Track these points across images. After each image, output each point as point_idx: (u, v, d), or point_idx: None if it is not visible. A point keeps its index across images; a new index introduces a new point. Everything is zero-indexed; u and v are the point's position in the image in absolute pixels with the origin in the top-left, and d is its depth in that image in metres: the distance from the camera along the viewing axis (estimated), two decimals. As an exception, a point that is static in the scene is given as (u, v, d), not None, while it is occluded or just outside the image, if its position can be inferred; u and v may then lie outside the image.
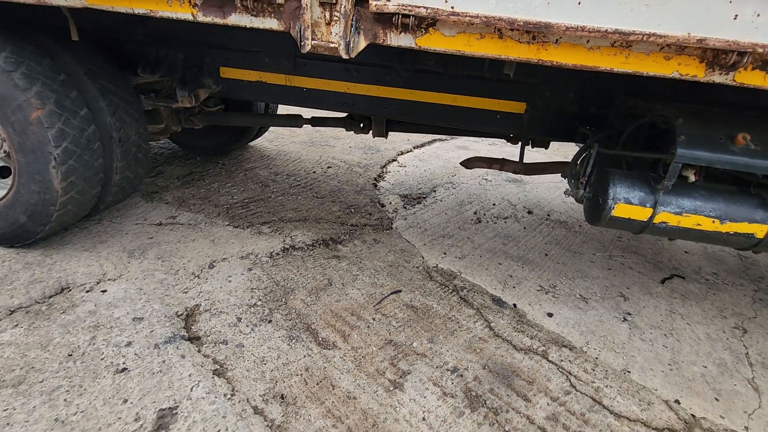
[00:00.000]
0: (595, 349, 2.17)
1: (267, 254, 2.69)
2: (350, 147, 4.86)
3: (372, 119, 3.08)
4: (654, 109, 1.98)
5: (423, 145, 5.14)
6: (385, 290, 2.45)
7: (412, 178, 4.16)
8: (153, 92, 2.90)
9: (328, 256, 2.74)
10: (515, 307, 2.42)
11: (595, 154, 2.08)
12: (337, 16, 1.59)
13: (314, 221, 3.16)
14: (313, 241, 2.89)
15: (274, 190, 3.61)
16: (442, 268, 2.72)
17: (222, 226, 2.97)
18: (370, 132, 3.16)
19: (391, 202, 3.60)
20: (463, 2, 1.46)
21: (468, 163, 3.04)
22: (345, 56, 1.65)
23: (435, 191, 3.90)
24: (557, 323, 2.32)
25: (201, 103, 3.05)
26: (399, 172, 4.31)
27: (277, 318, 2.17)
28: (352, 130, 3.22)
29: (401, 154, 4.80)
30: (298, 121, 3.38)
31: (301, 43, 1.65)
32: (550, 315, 2.38)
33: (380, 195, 3.73)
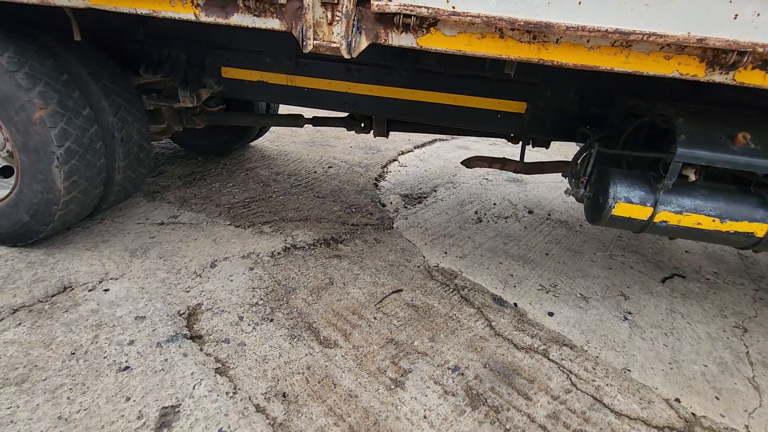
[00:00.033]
0: (595, 348, 2.18)
1: (268, 253, 2.70)
2: (351, 147, 4.87)
3: (373, 119, 3.08)
4: (654, 108, 1.98)
5: (424, 145, 5.15)
6: (386, 289, 2.46)
7: (412, 178, 4.16)
8: (155, 92, 2.91)
9: (330, 255, 2.75)
10: (516, 306, 2.43)
11: (595, 154, 2.09)
12: (338, 16, 1.60)
13: (315, 221, 3.16)
14: (314, 240, 2.90)
15: (276, 190, 3.62)
16: (443, 268, 2.73)
17: (223, 226, 2.98)
18: (371, 132, 3.17)
19: (392, 202, 3.61)
20: (464, 2, 1.46)
21: (469, 163, 3.05)
22: (347, 56, 1.65)
23: (436, 191, 3.90)
24: (558, 322, 2.33)
25: (202, 103, 3.06)
26: (400, 171, 4.31)
27: (279, 317, 2.18)
28: (353, 129, 3.23)
29: (402, 154, 4.80)
30: (300, 121, 3.39)
31: (303, 43, 1.66)
32: (551, 314, 2.39)
33: (381, 195, 3.73)
